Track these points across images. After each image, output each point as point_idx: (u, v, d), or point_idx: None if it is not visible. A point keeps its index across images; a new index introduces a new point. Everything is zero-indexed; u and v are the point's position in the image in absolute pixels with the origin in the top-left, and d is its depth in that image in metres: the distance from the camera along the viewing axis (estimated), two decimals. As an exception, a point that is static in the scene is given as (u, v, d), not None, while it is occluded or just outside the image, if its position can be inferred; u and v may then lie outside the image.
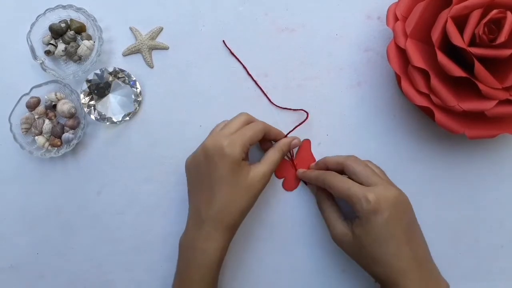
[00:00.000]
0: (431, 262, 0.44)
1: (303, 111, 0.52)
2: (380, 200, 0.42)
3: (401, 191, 0.44)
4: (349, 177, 0.45)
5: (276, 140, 0.51)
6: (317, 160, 0.52)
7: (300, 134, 0.53)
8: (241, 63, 0.54)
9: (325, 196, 0.49)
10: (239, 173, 0.46)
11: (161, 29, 0.55)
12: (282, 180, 0.53)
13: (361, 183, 0.44)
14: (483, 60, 0.42)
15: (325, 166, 0.49)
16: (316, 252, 0.52)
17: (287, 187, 0.52)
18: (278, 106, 0.53)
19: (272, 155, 0.48)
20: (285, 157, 0.52)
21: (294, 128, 0.52)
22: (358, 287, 0.52)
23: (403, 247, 0.42)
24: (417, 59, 0.44)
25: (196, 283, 0.46)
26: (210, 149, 0.46)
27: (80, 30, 0.55)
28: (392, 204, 0.42)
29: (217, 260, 0.46)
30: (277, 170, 0.52)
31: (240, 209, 0.46)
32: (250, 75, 0.54)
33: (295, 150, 0.52)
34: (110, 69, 0.54)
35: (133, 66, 0.55)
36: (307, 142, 0.52)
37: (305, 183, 0.52)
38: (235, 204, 0.46)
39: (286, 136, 0.52)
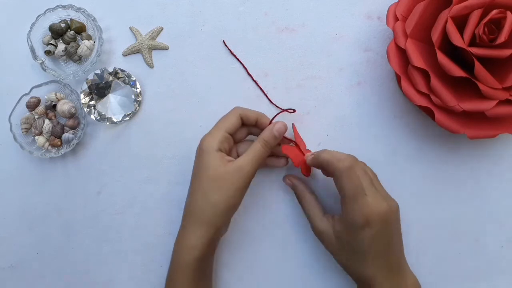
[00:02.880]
0: (402, 265, 0.44)
1: (292, 111, 0.51)
2: (373, 215, 0.41)
3: (390, 203, 0.43)
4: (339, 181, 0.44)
5: (260, 125, 0.49)
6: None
7: (301, 134, 0.53)
8: (241, 63, 0.54)
9: (304, 188, 0.49)
10: (211, 165, 0.44)
11: (161, 29, 0.55)
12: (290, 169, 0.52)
13: (353, 191, 0.42)
14: (483, 60, 0.42)
15: (318, 163, 0.46)
16: (316, 251, 0.52)
17: (305, 172, 0.49)
18: (278, 107, 0.53)
19: (253, 146, 0.46)
20: (291, 144, 0.50)
21: (276, 115, 0.49)
22: (358, 287, 0.52)
23: (380, 259, 0.42)
24: (417, 59, 0.44)
25: (175, 282, 0.45)
26: (197, 149, 0.46)
27: (80, 30, 0.55)
28: (382, 220, 0.41)
29: (192, 258, 0.44)
30: (294, 159, 0.49)
31: (212, 203, 0.44)
32: (250, 75, 0.54)
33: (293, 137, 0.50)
34: (110, 69, 0.54)
35: (133, 66, 0.55)
36: (293, 126, 0.50)
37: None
38: (206, 199, 0.44)
39: (271, 122, 0.49)
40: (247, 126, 0.50)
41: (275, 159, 0.51)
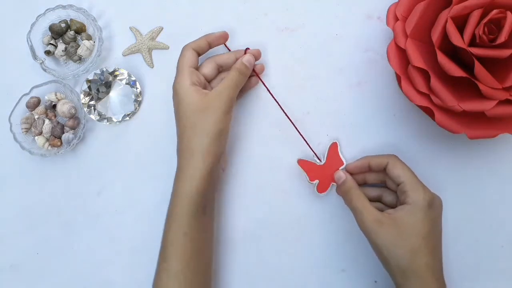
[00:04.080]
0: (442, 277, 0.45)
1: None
2: (435, 198, 0.44)
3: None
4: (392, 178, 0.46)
5: (212, 43, 0.50)
6: (344, 161, 0.51)
7: (302, 134, 0.53)
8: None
9: (355, 184, 0.48)
10: (192, 100, 0.46)
11: (161, 29, 0.55)
12: (303, 181, 0.52)
13: (413, 177, 0.46)
14: (483, 60, 0.42)
15: (368, 164, 0.49)
16: (316, 252, 0.52)
17: (320, 190, 0.51)
18: (280, 105, 0.53)
19: (228, 75, 0.48)
20: (316, 162, 0.51)
21: (244, 54, 0.51)
22: (358, 287, 0.52)
23: (432, 247, 0.43)
24: (417, 59, 0.44)
25: (174, 217, 0.46)
26: (172, 97, 0.48)
27: (80, 30, 0.55)
28: (440, 210, 0.45)
29: (192, 189, 0.45)
30: (310, 174, 0.51)
31: (203, 132, 0.45)
32: (255, 72, 0.53)
33: (325, 154, 0.51)
34: (110, 69, 0.54)
35: (133, 66, 0.55)
36: (335, 144, 0.51)
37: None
38: (196, 130, 0.46)
39: (246, 51, 0.51)
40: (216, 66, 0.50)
41: (247, 82, 0.52)
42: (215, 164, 0.46)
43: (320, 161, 0.51)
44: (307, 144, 0.51)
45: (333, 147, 0.51)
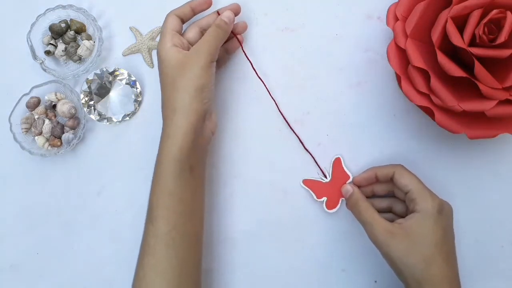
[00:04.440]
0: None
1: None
2: (444, 204, 0.44)
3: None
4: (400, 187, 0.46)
5: (195, 9, 0.50)
6: (350, 175, 0.51)
7: (301, 134, 0.53)
8: (247, 57, 0.54)
9: (363, 196, 0.48)
10: (171, 59, 0.46)
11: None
12: (311, 196, 0.52)
13: (420, 184, 0.45)
14: (483, 60, 0.42)
15: (375, 175, 0.49)
16: (316, 252, 0.52)
17: (329, 207, 0.51)
18: (277, 106, 0.53)
19: (207, 31, 0.48)
20: (321, 179, 0.51)
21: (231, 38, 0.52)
22: (358, 287, 0.52)
23: (449, 257, 0.43)
24: (417, 59, 0.44)
25: (159, 177, 0.45)
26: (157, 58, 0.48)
27: (80, 30, 0.55)
28: (451, 216, 0.45)
29: (174, 148, 0.44)
30: (317, 192, 0.51)
31: (182, 88, 0.45)
32: (254, 69, 0.53)
33: (330, 170, 0.51)
34: (110, 69, 0.54)
35: (133, 66, 0.55)
36: (338, 160, 0.51)
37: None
38: (175, 87, 0.45)
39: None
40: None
41: (229, 42, 0.52)
42: (199, 122, 0.45)
43: (326, 178, 0.51)
44: (313, 158, 0.52)
45: (337, 163, 0.51)
